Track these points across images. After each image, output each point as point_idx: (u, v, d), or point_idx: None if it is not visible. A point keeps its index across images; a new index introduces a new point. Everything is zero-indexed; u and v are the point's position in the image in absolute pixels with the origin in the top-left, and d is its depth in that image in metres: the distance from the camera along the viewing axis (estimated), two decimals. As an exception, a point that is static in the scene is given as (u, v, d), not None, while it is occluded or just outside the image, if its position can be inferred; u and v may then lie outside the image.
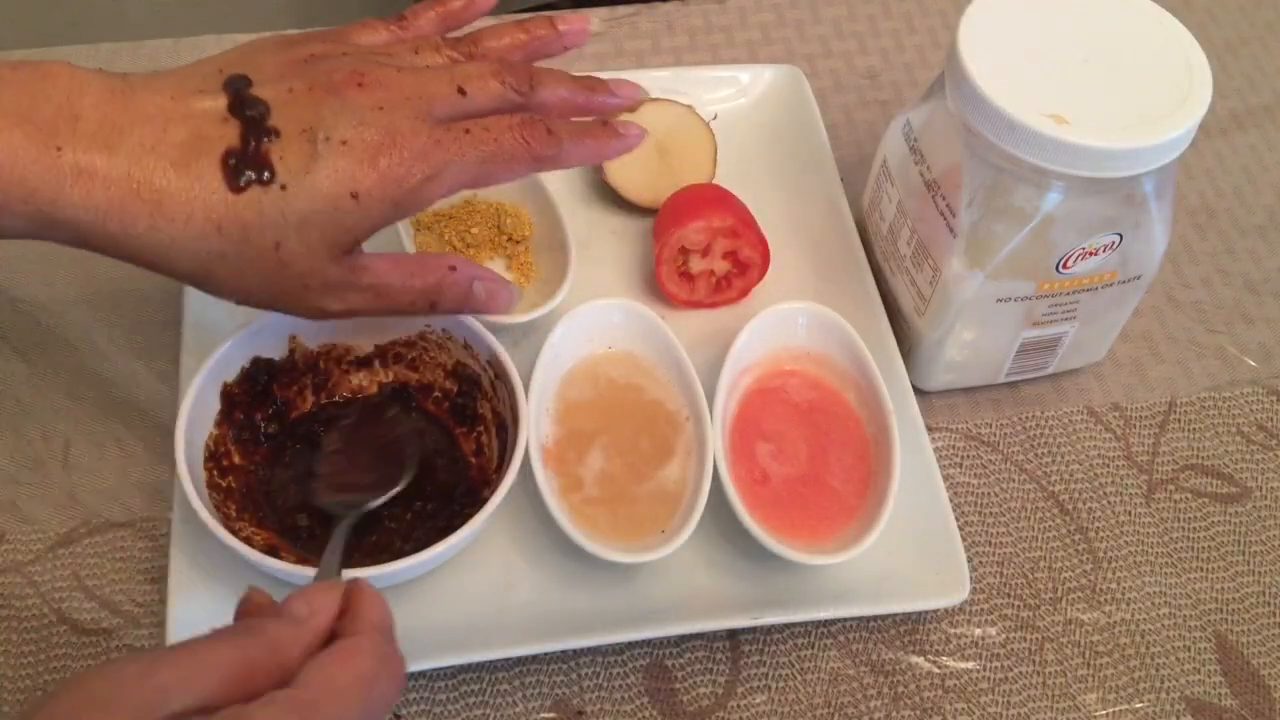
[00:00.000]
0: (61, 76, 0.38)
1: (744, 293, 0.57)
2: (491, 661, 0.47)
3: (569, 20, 0.48)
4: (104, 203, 0.38)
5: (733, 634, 0.49)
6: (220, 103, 0.40)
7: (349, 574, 0.41)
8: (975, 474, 0.54)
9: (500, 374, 0.49)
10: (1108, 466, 0.55)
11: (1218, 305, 0.61)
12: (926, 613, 0.50)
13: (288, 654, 0.31)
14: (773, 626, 0.49)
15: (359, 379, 0.52)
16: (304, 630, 0.32)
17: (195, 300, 0.52)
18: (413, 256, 0.47)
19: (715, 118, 0.61)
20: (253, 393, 0.49)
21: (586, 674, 0.48)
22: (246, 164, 0.39)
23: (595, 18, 0.45)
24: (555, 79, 0.45)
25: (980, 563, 0.52)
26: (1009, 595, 0.51)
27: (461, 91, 0.43)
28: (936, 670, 0.49)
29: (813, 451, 0.51)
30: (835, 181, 0.60)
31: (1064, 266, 0.49)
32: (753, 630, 0.49)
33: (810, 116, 0.63)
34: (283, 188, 0.39)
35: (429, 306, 0.45)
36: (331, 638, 0.33)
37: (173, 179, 0.38)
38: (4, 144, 0.37)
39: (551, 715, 0.47)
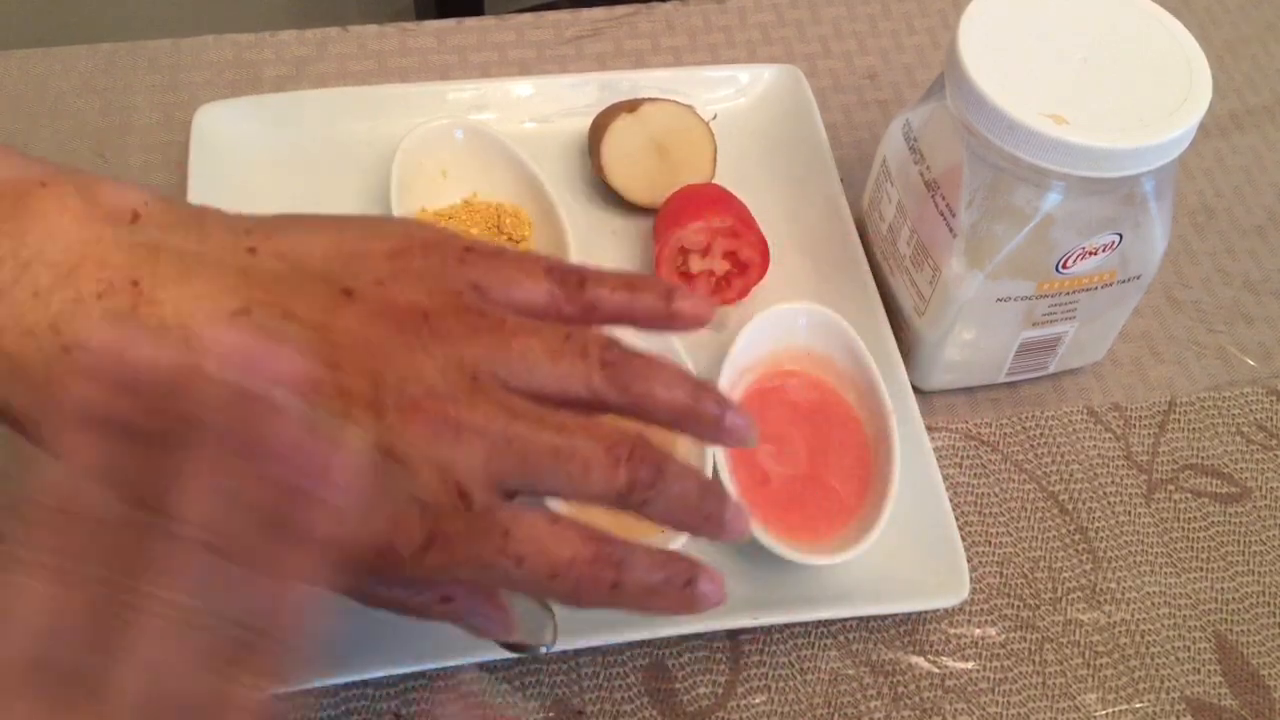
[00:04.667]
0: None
1: (744, 293, 0.57)
2: (491, 661, 0.47)
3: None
4: None
5: (733, 634, 0.49)
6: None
7: None
8: (975, 474, 0.54)
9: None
10: (1108, 466, 0.55)
11: (1218, 305, 0.61)
12: (926, 613, 0.50)
13: None
14: (773, 626, 0.49)
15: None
16: None
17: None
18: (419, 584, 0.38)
19: (715, 118, 0.61)
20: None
21: (586, 674, 0.48)
22: None
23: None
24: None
25: (980, 563, 0.52)
26: (1009, 595, 0.51)
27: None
28: (936, 670, 0.49)
29: (813, 452, 0.51)
30: (835, 181, 0.60)
31: (1064, 266, 0.49)
32: (753, 630, 0.49)
33: (810, 116, 0.63)
34: None
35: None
36: None
37: None
38: None
39: (551, 715, 0.47)
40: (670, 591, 0.35)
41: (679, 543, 0.47)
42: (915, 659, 0.49)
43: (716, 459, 0.49)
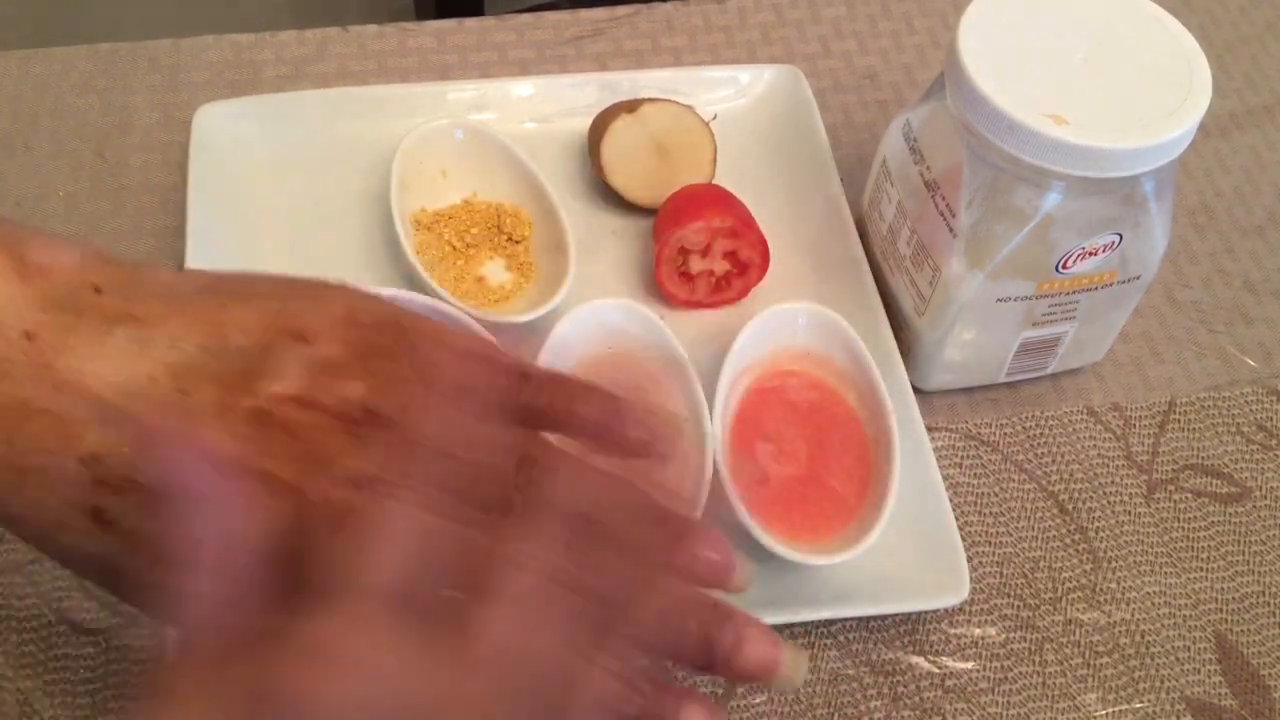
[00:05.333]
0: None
1: (744, 293, 0.57)
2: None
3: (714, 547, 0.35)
4: None
5: (733, 634, 0.49)
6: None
7: None
8: (975, 474, 0.54)
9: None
10: (1108, 466, 0.55)
11: (1218, 305, 0.61)
12: (926, 613, 0.50)
13: None
14: (773, 626, 0.49)
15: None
16: None
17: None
18: None
19: (715, 118, 0.61)
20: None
21: (586, 674, 0.48)
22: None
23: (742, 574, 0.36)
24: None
25: (980, 563, 0.52)
26: (1009, 595, 0.51)
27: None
28: (936, 670, 0.49)
29: (813, 452, 0.51)
30: (835, 181, 0.60)
31: (1064, 266, 0.49)
32: (753, 630, 0.49)
33: (810, 116, 0.63)
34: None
35: None
36: None
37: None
38: None
39: (551, 715, 0.47)
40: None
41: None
42: (915, 659, 0.49)
43: (717, 459, 0.49)
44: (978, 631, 0.50)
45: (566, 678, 0.28)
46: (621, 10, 0.71)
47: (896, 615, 0.50)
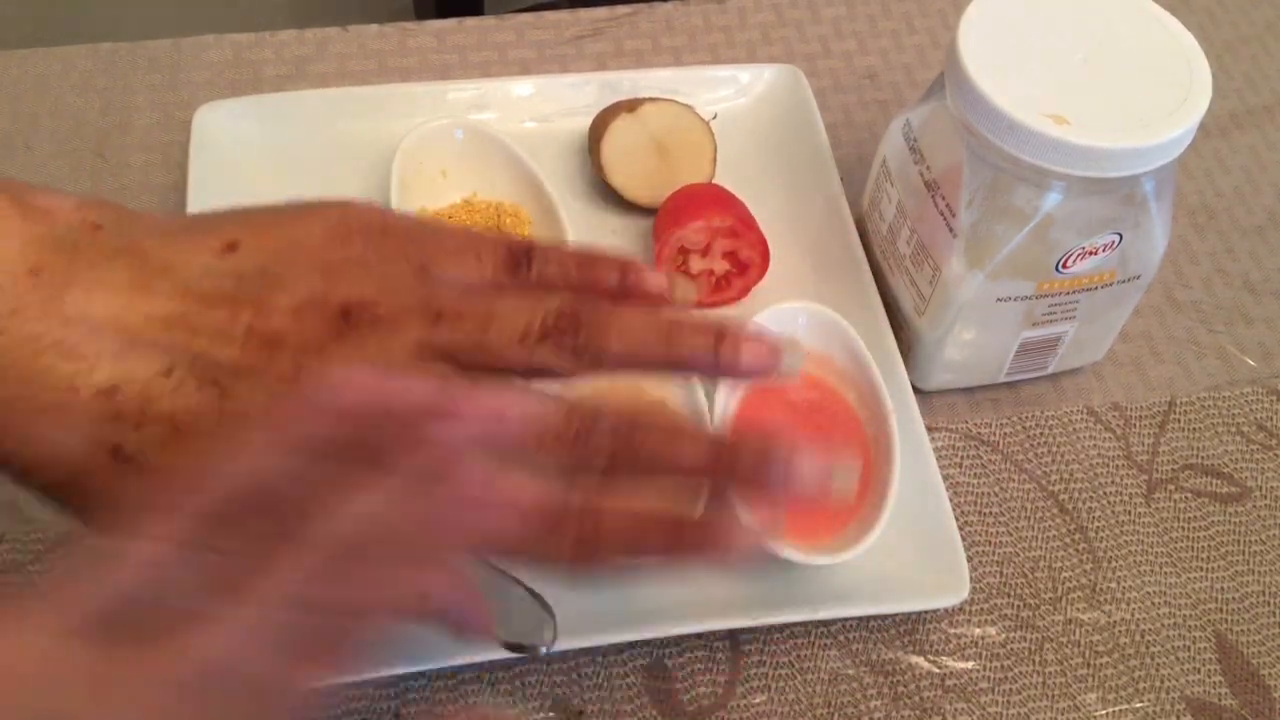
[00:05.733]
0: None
1: (744, 292, 0.57)
2: (491, 661, 0.47)
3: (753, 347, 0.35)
4: None
5: (733, 634, 0.49)
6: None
7: None
8: (975, 474, 0.54)
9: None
10: (1108, 466, 0.55)
11: (1218, 305, 0.61)
12: (926, 613, 0.50)
13: None
14: (772, 626, 0.49)
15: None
16: None
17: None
18: None
19: (715, 117, 0.61)
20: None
21: (586, 674, 0.48)
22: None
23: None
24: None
25: (980, 563, 0.52)
26: (1009, 595, 0.51)
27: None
28: (936, 670, 0.49)
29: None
30: (835, 181, 0.60)
31: (1064, 266, 0.49)
32: (753, 630, 0.49)
33: (810, 116, 0.63)
34: None
35: None
36: None
37: None
38: None
39: (551, 715, 0.47)
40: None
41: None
42: (915, 659, 0.49)
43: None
44: (978, 631, 0.50)
45: (272, 686, 0.28)
46: (621, 10, 0.71)
47: (896, 615, 0.50)
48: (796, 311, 0.53)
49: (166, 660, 0.26)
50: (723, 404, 0.51)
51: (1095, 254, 0.49)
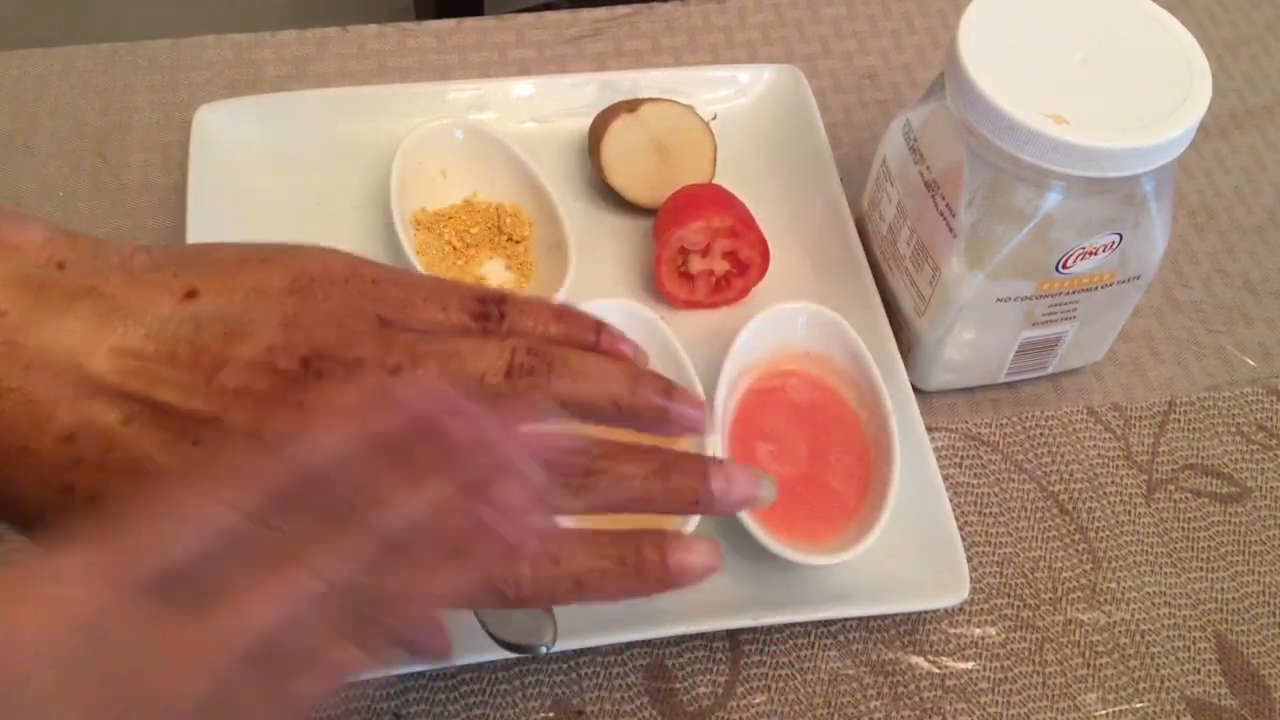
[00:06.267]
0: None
1: (744, 293, 0.57)
2: (491, 661, 0.47)
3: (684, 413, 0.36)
4: None
5: (733, 634, 0.49)
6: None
7: None
8: (975, 474, 0.54)
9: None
10: (1108, 466, 0.55)
11: (1218, 305, 0.61)
12: (926, 613, 0.50)
13: None
14: (773, 626, 0.49)
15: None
16: None
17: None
18: None
19: (715, 118, 0.61)
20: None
21: (586, 674, 0.48)
22: None
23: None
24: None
25: (980, 563, 0.52)
26: (1009, 595, 0.51)
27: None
28: (936, 670, 0.49)
29: (813, 451, 0.51)
30: (835, 181, 0.60)
31: (1064, 266, 0.49)
32: (753, 630, 0.49)
33: (810, 116, 0.63)
34: None
35: None
36: None
37: None
38: None
39: (551, 715, 0.47)
40: (628, 572, 0.34)
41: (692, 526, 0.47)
42: (915, 659, 0.49)
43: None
44: (978, 631, 0.50)
45: (309, 660, 0.29)
46: (621, 10, 0.71)
47: (896, 615, 0.50)
48: (796, 311, 0.53)
49: (230, 627, 0.27)
50: (723, 404, 0.51)
51: (1095, 254, 0.49)
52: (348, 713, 0.46)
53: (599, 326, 0.38)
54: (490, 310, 0.36)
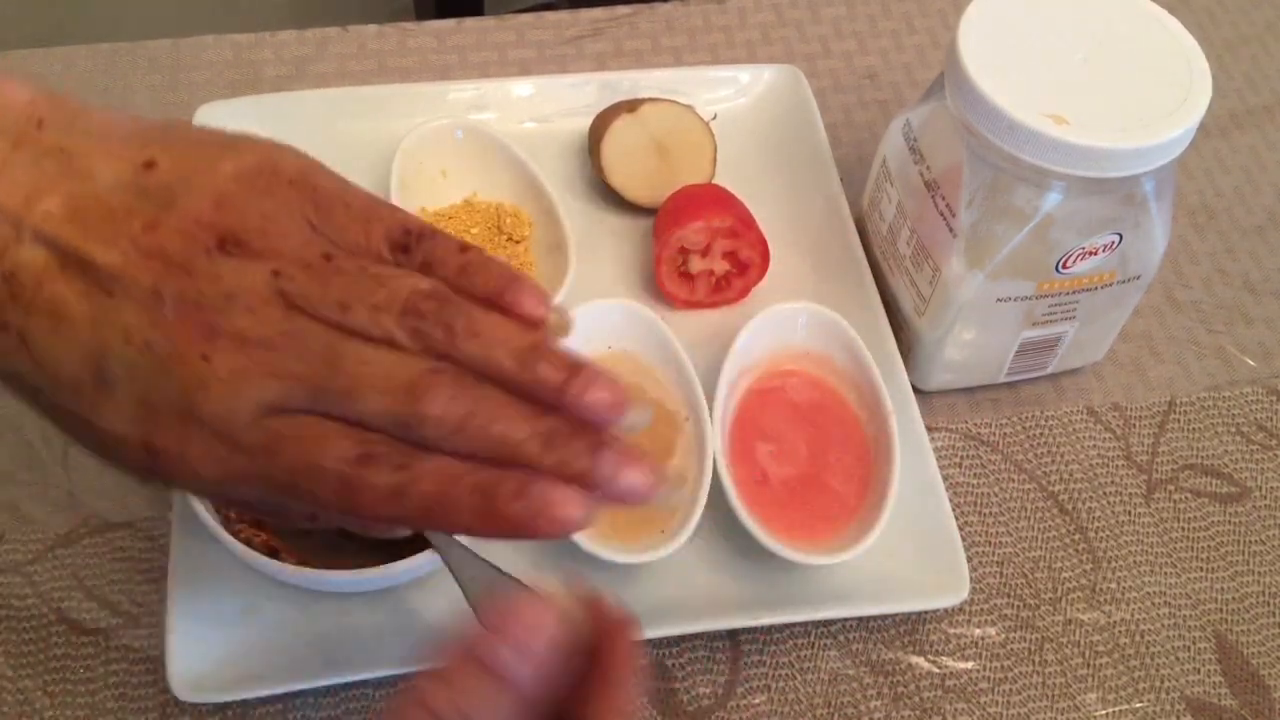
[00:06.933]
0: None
1: (744, 293, 0.57)
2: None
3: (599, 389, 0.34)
4: None
5: (733, 634, 0.49)
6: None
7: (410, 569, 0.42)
8: (975, 474, 0.54)
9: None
10: (1107, 466, 0.55)
11: (1218, 305, 0.61)
12: (926, 613, 0.50)
13: None
14: (773, 626, 0.49)
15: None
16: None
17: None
18: None
19: (715, 118, 0.61)
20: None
21: (586, 674, 0.48)
22: None
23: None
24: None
25: (980, 563, 0.52)
26: (1009, 595, 0.51)
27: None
28: (936, 670, 0.49)
29: (813, 451, 0.51)
30: (835, 181, 0.60)
31: (1064, 266, 0.49)
32: (753, 630, 0.49)
33: (810, 116, 0.63)
34: None
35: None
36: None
37: None
38: None
39: (551, 715, 0.47)
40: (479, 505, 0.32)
41: (678, 544, 0.47)
42: (915, 659, 0.49)
43: (717, 459, 0.49)
44: (978, 631, 0.50)
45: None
46: (621, 10, 0.71)
47: (896, 615, 0.50)
48: (796, 311, 0.53)
49: None
50: (723, 404, 0.51)
51: (1095, 254, 0.49)
52: (347, 712, 0.46)
53: (510, 280, 0.35)
54: (409, 241, 0.36)
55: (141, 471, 0.34)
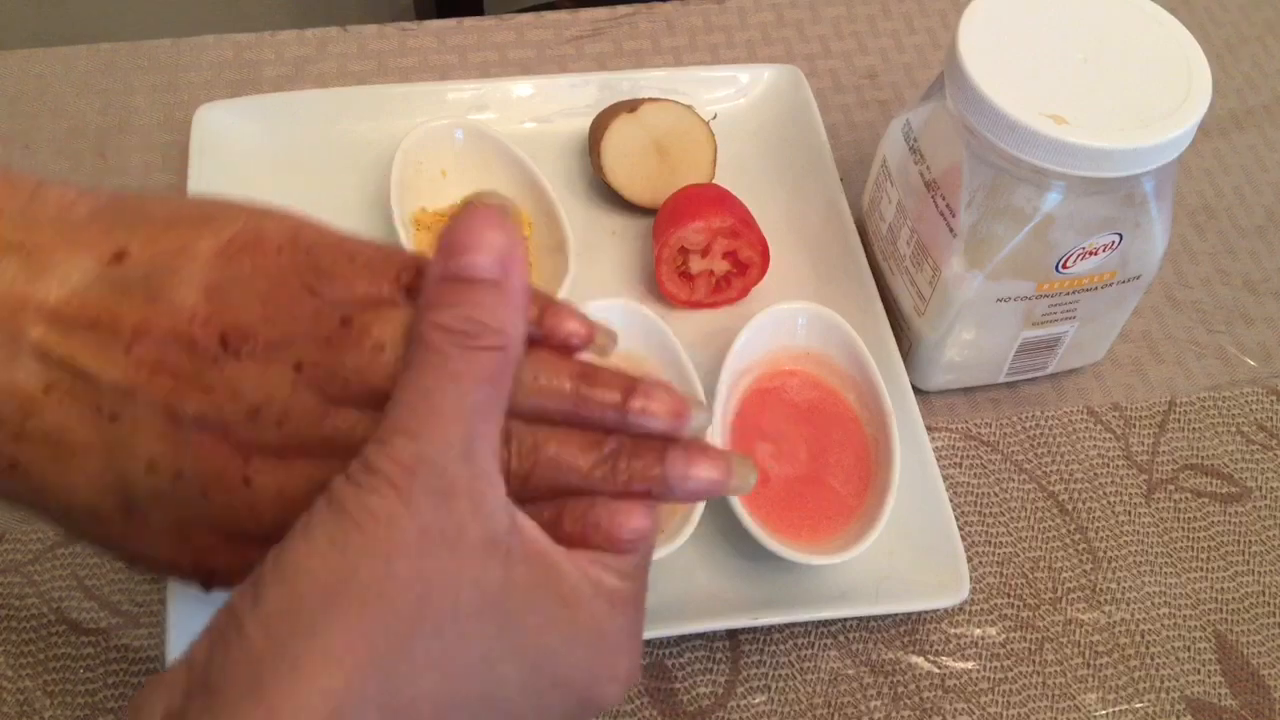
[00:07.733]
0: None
1: (744, 293, 0.57)
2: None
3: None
4: None
5: (733, 634, 0.49)
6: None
7: None
8: (975, 474, 0.54)
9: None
10: (1107, 466, 0.55)
11: (1218, 305, 0.61)
12: (926, 613, 0.50)
13: None
14: (773, 626, 0.49)
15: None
16: None
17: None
18: None
19: (715, 118, 0.61)
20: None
21: (586, 674, 0.48)
22: None
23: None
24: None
25: (980, 563, 0.52)
26: (1009, 595, 0.51)
27: None
28: (936, 670, 0.49)
29: (813, 451, 0.51)
30: (835, 181, 0.60)
31: (1064, 266, 0.49)
32: (753, 630, 0.49)
33: (810, 116, 0.63)
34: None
35: None
36: None
37: None
38: None
39: (551, 715, 0.47)
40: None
41: (678, 544, 0.47)
42: (915, 659, 0.49)
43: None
44: (978, 631, 0.50)
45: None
46: (621, 10, 0.71)
47: (896, 615, 0.50)
48: (796, 312, 0.53)
49: None
50: (723, 404, 0.51)
51: (1095, 254, 0.49)
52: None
53: (545, 302, 0.33)
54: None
55: (203, 585, 0.32)
